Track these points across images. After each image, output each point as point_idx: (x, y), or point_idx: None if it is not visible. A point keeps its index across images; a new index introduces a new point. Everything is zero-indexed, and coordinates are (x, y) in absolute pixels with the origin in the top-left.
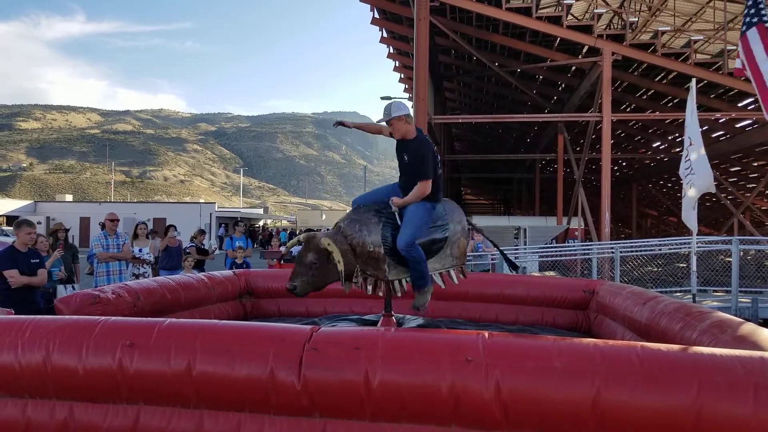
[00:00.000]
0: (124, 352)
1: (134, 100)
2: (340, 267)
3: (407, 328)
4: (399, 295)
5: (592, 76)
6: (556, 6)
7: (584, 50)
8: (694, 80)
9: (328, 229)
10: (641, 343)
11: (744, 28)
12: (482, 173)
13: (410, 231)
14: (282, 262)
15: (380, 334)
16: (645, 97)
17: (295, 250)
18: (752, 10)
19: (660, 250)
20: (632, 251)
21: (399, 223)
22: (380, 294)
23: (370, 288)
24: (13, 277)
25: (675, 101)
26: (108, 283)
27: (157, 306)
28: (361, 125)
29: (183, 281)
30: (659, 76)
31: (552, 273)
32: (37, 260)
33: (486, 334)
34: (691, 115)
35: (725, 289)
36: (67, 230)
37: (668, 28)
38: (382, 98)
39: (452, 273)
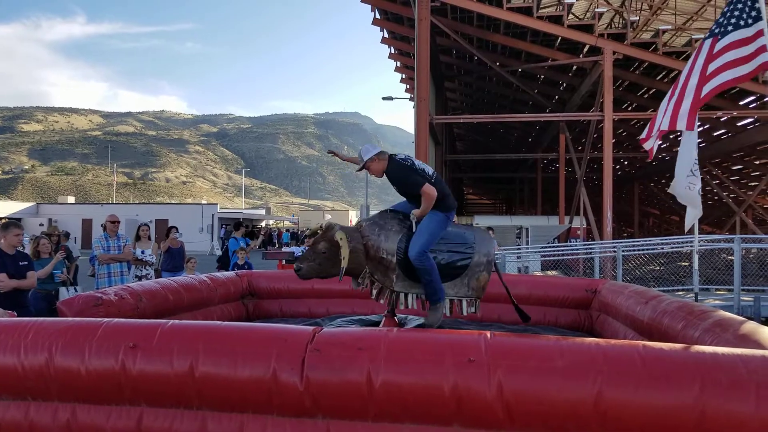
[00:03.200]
0: (126, 353)
1: (135, 102)
2: (344, 263)
3: (409, 329)
4: (402, 307)
5: (594, 76)
6: (557, 5)
7: (585, 49)
8: None
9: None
10: (643, 342)
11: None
12: (484, 173)
13: (422, 240)
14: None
15: (383, 334)
16: (646, 95)
17: (298, 251)
18: (721, 20)
19: (662, 248)
20: (634, 250)
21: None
22: (382, 302)
23: (374, 293)
24: (2, 281)
25: None
26: (109, 284)
27: (159, 308)
28: (351, 159)
29: (185, 283)
30: (660, 75)
31: (554, 272)
32: (26, 263)
33: (488, 334)
34: None
35: (727, 287)
36: (60, 234)
37: (669, 27)
38: (384, 98)
39: (464, 304)
